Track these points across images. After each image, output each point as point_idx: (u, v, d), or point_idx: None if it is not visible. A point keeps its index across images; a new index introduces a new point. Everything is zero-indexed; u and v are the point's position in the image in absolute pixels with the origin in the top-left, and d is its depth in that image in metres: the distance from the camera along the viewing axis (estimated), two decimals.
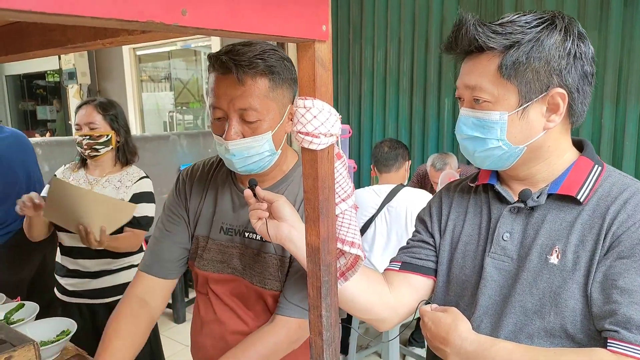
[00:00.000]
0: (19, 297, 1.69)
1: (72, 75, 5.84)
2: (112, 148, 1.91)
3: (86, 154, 1.88)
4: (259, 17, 0.54)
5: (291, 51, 4.28)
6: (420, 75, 4.28)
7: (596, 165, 0.86)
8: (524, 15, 0.82)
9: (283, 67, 1.02)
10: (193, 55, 6.16)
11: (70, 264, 1.93)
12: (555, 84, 0.81)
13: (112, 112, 1.91)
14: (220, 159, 1.22)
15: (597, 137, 3.45)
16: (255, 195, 0.93)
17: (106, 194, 1.87)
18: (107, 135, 1.88)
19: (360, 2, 4.52)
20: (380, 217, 2.40)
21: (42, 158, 3.28)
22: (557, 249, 0.82)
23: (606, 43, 3.27)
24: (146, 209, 1.95)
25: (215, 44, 5.18)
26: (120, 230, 1.86)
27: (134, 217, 1.89)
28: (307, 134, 0.65)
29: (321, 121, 0.65)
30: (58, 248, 2.00)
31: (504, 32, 0.80)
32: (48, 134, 6.74)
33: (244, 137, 1.00)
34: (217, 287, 1.18)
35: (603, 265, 0.77)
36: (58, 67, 6.24)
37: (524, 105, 0.81)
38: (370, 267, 2.24)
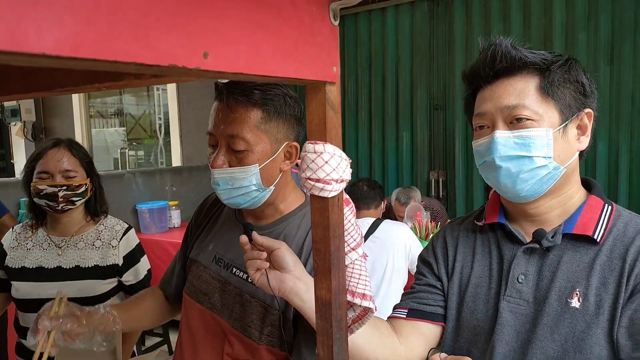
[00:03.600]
0: None
1: (15, 112, 5.51)
2: (86, 199, 1.58)
3: (59, 207, 1.51)
4: (277, 60, 0.50)
5: None
6: (378, 110, 4.37)
7: (606, 204, 0.85)
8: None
9: (282, 102, 0.98)
10: (145, 90, 6.01)
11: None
12: (587, 105, 0.83)
13: (87, 156, 1.60)
14: None
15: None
16: (251, 240, 0.86)
17: (85, 257, 1.54)
18: (85, 185, 1.55)
19: None
20: (365, 248, 2.39)
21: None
22: (577, 292, 0.79)
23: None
24: (144, 266, 1.65)
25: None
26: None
27: (138, 282, 1.61)
28: (317, 180, 0.61)
29: (333, 167, 0.61)
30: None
31: (539, 54, 0.82)
32: None
33: (230, 167, 0.96)
34: (196, 321, 1.11)
35: (628, 310, 0.75)
36: None
37: (565, 123, 0.81)
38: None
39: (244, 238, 0.86)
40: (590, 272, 0.80)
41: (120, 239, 1.60)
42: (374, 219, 2.50)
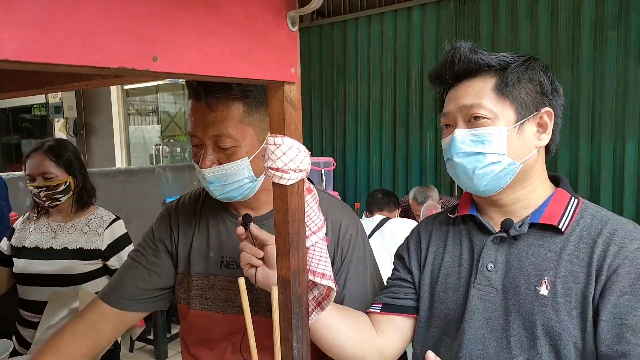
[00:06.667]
0: None
1: (58, 109, 5.86)
2: (72, 193, 1.81)
3: (46, 205, 1.77)
4: (229, 62, 0.57)
5: None
6: (402, 110, 4.39)
7: (573, 197, 0.89)
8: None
9: (261, 90, 0.96)
10: (181, 89, 6.24)
11: (34, 318, 1.77)
12: (545, 104, 0.86)
13: (66, 156, 1.79)
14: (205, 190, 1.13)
15: (574, 171, 3.55)
16: (246, 230, 0.87)
17: (73, 240, 1.79)
18: (66, 182, 1.77)
19: (343, 42, 4.67)
20: (372, 241, 2.48)
21: (25, 192, 3.26)
22: (545, 280, 0.82)
23: (579, 81, 3.44)
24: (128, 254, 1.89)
25: None
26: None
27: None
28: (277, 169, 0.68)
29: (290, 157, 0.68)
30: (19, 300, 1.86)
31: (497, 56, 0.87)
32: None
33: (220, 164, 0.95)
34: (221, 331, 1.05)
35: (608, 303, 0.76)
36: (45, 101, 6.27)
37: (521, 121, 0.85)
38: None
39: (240, 229, 0.87)
40: (558, 261, 0.82)
41: (106, 228, 1.84)
42: (383, 216, 2.56)
